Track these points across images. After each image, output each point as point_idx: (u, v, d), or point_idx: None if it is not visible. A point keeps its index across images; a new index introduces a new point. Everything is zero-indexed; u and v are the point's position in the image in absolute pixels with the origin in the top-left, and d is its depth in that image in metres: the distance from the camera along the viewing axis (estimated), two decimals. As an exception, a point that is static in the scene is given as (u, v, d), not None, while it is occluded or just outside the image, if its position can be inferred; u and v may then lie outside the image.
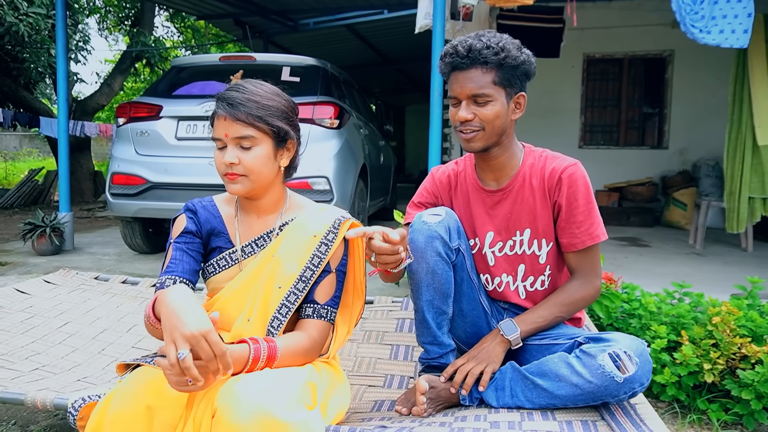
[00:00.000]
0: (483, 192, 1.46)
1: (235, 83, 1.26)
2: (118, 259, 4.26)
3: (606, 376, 1.14)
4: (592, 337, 1.24)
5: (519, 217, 1.42)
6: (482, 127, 1.35)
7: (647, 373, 1.15)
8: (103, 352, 1.67)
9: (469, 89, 1.33)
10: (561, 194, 1.37)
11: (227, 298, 1.27)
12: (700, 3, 3.17)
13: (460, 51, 1.33)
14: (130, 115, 3.89)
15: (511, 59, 1.31)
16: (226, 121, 1.20)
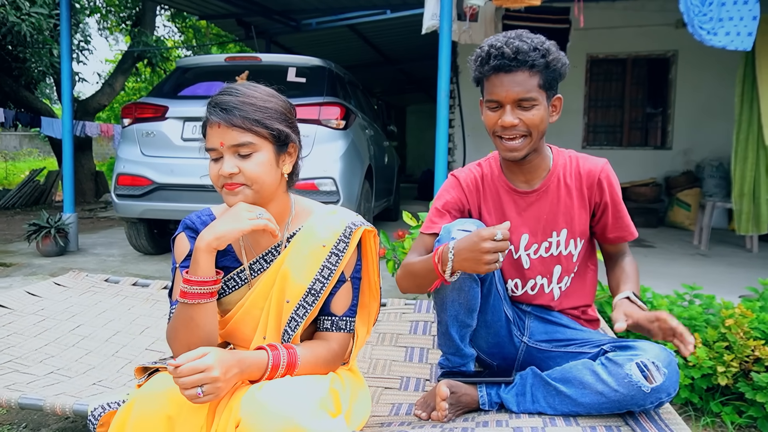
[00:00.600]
0: (515, 194, 1.43)
1: (228, 86, 1.17)
2: (123, 260, 4.25)
3: (633, 386, 1.12)
4: (619, 345, 1.23)
5: (555, 217, 1.40)
6: (528, 133, 1.31)
7: (675, 383, 1.14)
8: (117, 355, 1.66)
9: (516, 93, 1.28)
10: (603, 194, 1.38)
11: (239, 318, 1.22)
12: (709, 5, 3.16)
13: (507, 53, 1.26)
14: (135, 116, 3.88)
15: (556, 62, 1.29)
16: (220, 129, 1.09)
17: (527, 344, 1.42)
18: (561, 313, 1.43)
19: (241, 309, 1.23)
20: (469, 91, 7.03)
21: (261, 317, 1.22)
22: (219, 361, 0.97)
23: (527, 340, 1.42)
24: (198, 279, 1.09)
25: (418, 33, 8.52)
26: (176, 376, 0.94)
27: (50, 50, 7.88)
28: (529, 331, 1.43)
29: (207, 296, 1.11)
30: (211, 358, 0.97)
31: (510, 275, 1.45)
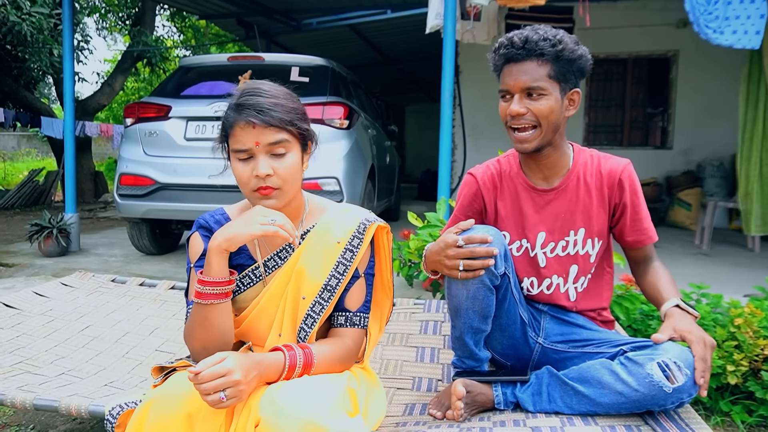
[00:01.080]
0: (533, 191, 1.42)
1: (251, 87, 1.17)
2: (125, 261, 4.24)
3: (654, 386, 1.11)
4: (639, 345, 1.22)
5: (573, 216, 1.39)
6: (537, 123, 1.30)
7: (696, 384, 1.13)
8: (128, 356, 1.65)
9: (523, 82, 1.29)
10: (624, 194, 1.37)
11: (254, 316, 1.22)
12: (714, 3, 3.17)
13: (515, 42, 1.28)
14: (138, 116, 3.87)
15: (568, 52, 1.27)
16: (255, 129, 1.10)
17: (542, 345, 1.41)
18: (577, 314, 1.42)
19: (256, 307, 1.23)
20: (470, 91, 7.03)
21: (276, 315, 1.22)
22: (239, 365, 0.97)
23: (542, 341, 1.42)
24: (211, 280, 1.09)
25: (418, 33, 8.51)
26: (197, 383, 0.93)
27: (50, 50, 7.85)
28: (545, 332, 1.42)
29: (221, 296, 1.11)
30: (230, 362, 0.96)
31: (526, 273, 1.44)
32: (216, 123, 3.71)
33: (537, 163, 1.40)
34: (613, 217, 1.41)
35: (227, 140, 1.16)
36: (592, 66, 1.34)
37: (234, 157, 1.14)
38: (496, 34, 4.54)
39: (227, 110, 1.16)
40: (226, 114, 1.16)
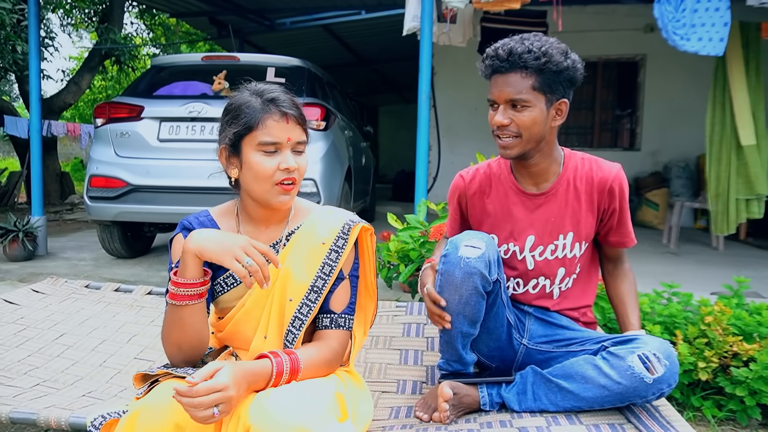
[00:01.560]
0: (523, 195, 1.44)
1: (268, 84, 1.19)
2: (95, 265, 4.13)
3: (635, 378, 1.15)
4: (620, 340, 1.26)
5: (562, 220, 1.41)
6: (519, 134, 1.33)
7: (675, 375, 1.17)
8: (105, 365, 1.61)
9: (507, 94, 1.31)
10: (614, 201, 1.40)
11: (239, 318, 1.22)
12: (682, 11, 3.27)
13: (500, 54, 1.30)
14: (109, 116, 3.77)
15: (553, 65, 1.28)
16: (288, 124, 1.14)
17: (527, 346, 1.44)
18: (560, 314, 1.45)
19: (241, 309, 1.22)
20: (444, 93, 7.08)
21: (262, 317, 1.21)
22: (233, 378, 0.96)
23: (527, 342, 1.44)
24: (185, 281, 1.08)
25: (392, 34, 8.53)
26: (192, 396, 0.91)
27: (13, 46, 7.58)
28: (529, 333, 1.45)
29: (195, 297, 1.10)
30: (225, 376, 0.95)
31: (512, 274, 1.46)
32: (191, 124, 3.66)
33: (527, 169, 1.42)
34: (601, 222, 1.44)
35: (243, 135, 1.14)
36: (583, 75, 1.36)
37: (258, 150, 1.14)
38: (472, 36, 4.58)
39: (246, 104, 1.15)
40: (245, 107, 1.14)
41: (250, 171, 1.15)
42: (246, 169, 1.16)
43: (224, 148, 1.18)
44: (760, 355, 1.93)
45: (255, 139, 1.14)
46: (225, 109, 1.20)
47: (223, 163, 1.20)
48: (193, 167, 3.61)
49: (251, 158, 1.15)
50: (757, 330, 2.14)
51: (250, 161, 1.15)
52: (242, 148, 1.16)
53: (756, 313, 2.29)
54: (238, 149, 1.16)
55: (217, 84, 3.86)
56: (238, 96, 1.19)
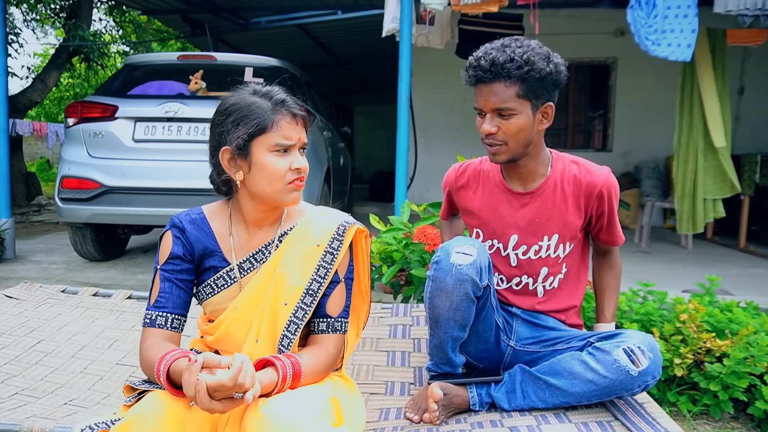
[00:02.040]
0: (510, 193, 1.46)
1: (270, 88, 1.19)
2: (67, 268, 4.02)
3: (621, 371, 1.19)
4: (604, 336, 1.29)
5: (547, 221, 1.43)
6: (505, 142, 1.35)
7: (659, 367, 1.21)
8: (86, 371, 1.57)
9: (492, 103, 1.32)
10: (602, 205, 1.42)
11: (231, 321, 1.20)
12: (654, 17, 3.36)
13: (483, 64, 1.31)
14: (81, 115, 3.67)
15: (536, 72, 1.29)
16: (298, 126, 1.17)
17: (514, 348, 1.46)
18: (546, 315, 1.48)
19: (234, 312, 1.21)
20: (421, 94, 7.11)
21: (254, 320, 1.20)
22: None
23: (514, 343, 1.46)
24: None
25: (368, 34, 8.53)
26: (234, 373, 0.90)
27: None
28: (516, 335, 1.47)
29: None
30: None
31: (496, 270, 1.49)
32: (167, 124, 3.59)
33: (515, 170, 1.45)
34: (589, 225, 1.47)
35: (254, 136, 1.14)
36: (567, 76, 1.38)
37: (272, 151, 1.15)
38: (450, 38, 4.62)
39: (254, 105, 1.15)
40: (254, 108, 1.14)
41: (263, 172, 1.15)
42: (257, 170, 1.15)
43: (228, 150, 1.16)
44: (733, 351, 2.00)
45: (269, 141, 1.14)
46: (224, 111, 1.17)
47: (224, 165, 1.18)
48: (170, 168, 3.55)
49: (264, 159, 1.15)
50: (728, 327, 2.22)
51: (263, 162, 1.14)
52: (252, 149, 1.15)
53: (727, 310, 2.37)
54: (247, 151, 1.15)
55: (193, 84, 3.81)
56: (236, 97, 1.18)
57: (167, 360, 1.02)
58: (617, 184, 1.44)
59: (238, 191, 1.22)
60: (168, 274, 1.18)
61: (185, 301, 1.20)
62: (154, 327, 1.15)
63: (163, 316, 1.16)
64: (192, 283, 1.23)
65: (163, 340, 1.14)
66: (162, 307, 1.16)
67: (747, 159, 4.88)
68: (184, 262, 1.20)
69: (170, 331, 1.16)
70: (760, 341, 2.00)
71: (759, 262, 4.50)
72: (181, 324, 1.19)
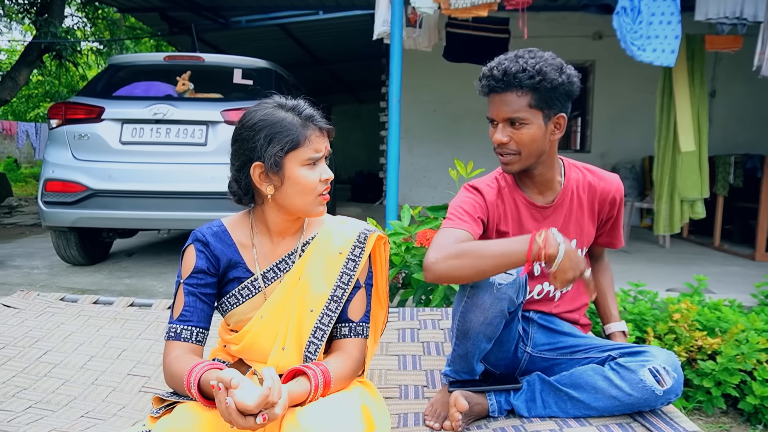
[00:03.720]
0: (533, 207, 1.47)
1: (295, 101, 1.21)
2: (50, 273, 3.92)
3: (647, 390, 1.22)
4: (627, 352, 1.32)
5: (567, 229, 1.47)
6: (518, 152, 1.36)
7: (681, 384, 1.25)
8: (98, 382, 1.54)
9: (504, 113, 1.34)
10: (614, 210, 1.49)
11: (257, 330, 1.22)
12: (639, 23, 3.45)
13: (495, 74, 1.33)
14: (65, 117, 3.59)
15: (548, 82, 1.30)
16: (323, 137, 1.20)
17: (531, 354, 1.49)
18: (560, 319, 1.51)
19: (259, 321, 1.22)
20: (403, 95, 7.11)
21: (280, 328, 1.21)
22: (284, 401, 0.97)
23: (530, 350, 1.49)
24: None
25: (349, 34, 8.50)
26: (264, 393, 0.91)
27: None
28: (533, 341, 1.50)
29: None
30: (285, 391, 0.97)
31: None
32: (155, 126, 3.53)
33: (531, 180, 1.46)
34: (599, 228, 1.53)
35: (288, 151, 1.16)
36: (579, 87, 1.41)
37: (304, 165, 1.17)
38: (437, 41, 4.66)
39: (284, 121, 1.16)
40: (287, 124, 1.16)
41: (296, 186, 1.17)
42: (290, 184, 1.17)
43: (260, 165, 1.17)
44: (725, 349, 2.08)
45: (301, 156, 1.16)
46: (252, 126, 1.17)
47: (255, 180, 1.18)
48: (159, 171, 3.49)
49: (297, 173, 1.16)
50: (717, 325, 2.30)
51: (296, 176, 1.16)
52: (284, 164, 1.16)
53: (715, 309, 2.46)
54: (280, 166, 1.16)
55: (181, 85, 3.76)
56: (263, 112, 1.18)
57: (197, 372, 1.03)
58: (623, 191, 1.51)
59: (264, 203, 1.22)
60: (192, 288, 1.19)
61: (208, 315, 1.21)
62: (179, 340, 1.15)
63: (188, 330, 1.16)
64: (214, 297, 1.24)
65: (187, 353, 1.15)
66: (187, 320, 1.17)
67: (721, 160, 5.05)
68: (208, 275, 1.21)
69: (194, 345, 1.17)
70: (751, 339, 2.08)
71: (733, 261, 4.66)
72: (204, 337, 1.19)
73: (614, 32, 3.84)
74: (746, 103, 6.86)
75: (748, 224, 5.32)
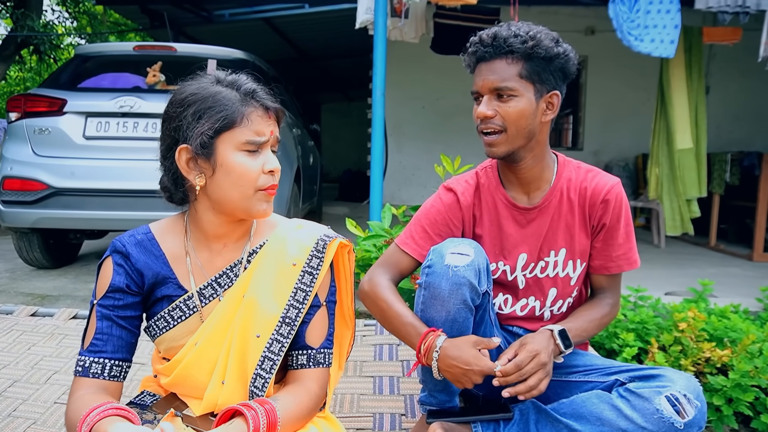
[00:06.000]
0: (515, 209, 1.28)
1: (236, 76, 1.00)
2: (11, 277, 3.67)
3: (664, 422, 1.02)
4: (638, 376, 1.12)
5: (554, 235, 1.26)
6: (504, 128, 1.17)
7: (704, 416, 1.05)
8: (16, 414, 1.30)
9: (491, 82, 1.16)
10: (606, 214, 1.24)
11: (191, 360, 1.00)
12: (636, 12, 3.26)
13: (484, 39, 1.17)
14: (25, 110, 3.33)
15: (542, 49, 1.14)
16: (270, 119, 1.00)
17: None
18: None
19: (194, 349, 0.99)
20: (392, 91, 6.92)
21: (219, 357, 0.99)
22: None
23: None
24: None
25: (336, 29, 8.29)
26: None
27: None
28: None
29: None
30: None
31: (500, 290, 1.31)
32: (121, 120, 3.30)
33: (517, 176, 1.26)
34: (593, 240, 1.29)
35: (220, 131, 0.94)
36: (577, 67, 1.22)
37: (241, 149, 0.95)
38: (424, 32, 4.46)
39: (218, 95, 0.95)
40: (220, 99, 0.95)
41: (230, 175, 0.95)
42: (222, 173, 0.95)
43: (187, 148, 0.95)
44: (737, 363, 1.89)
45: (238, 137, 0.95)
46: (181, 102, 0.96)
47: (182, 166, 0.96)
48: (126, 168, 3.25)
49: (232, 159, 0.95)
50: (726, 334, 2.12)
51: (231, 163, 0.95)
52: (216, 147, 0.94)
53: (722, 316, 2.27)
54: (210, 149, 0.94)
55: (151, 76, 3.52)
56: (196, 86, 0.97)
57: (89, 421, 0.81)
58: (626, 198, 1.26)
59: (196, 200, 1.00)
60: (107, 311, 0.97)
61: (129, 342, 0.99)
62: (87, 376, 0.93)
63: (99, 363, 0.94)
64: (138, 320, 1.01)
65: (96, 392, 0.92)
66: (99, 351, 0.95)
67: (717, 158, 4.90)
68: (127, 295, 0.98)
69: (108, 381, 0.95)
70: (765, 352, 1.89)
71: (731, 261, 4.51)
72: (122, 371, 0.97)
73: (607, 27, 3.66)
74: (741, 100, 6.74)
75: (744, 223, 5.19)
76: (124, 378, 0.98)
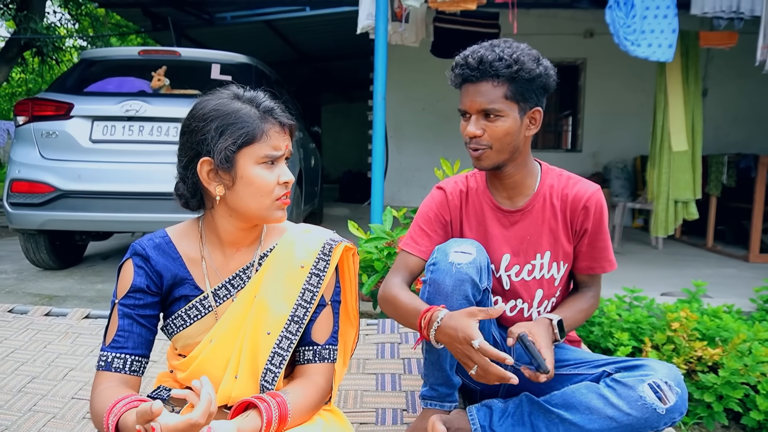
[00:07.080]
0: (499, 211, 1.36)
1: (253, 93, 1.06)
2: (18, 278, 3.73)
3: (647, 408, 1.09)
4: (623, 366, 1.19)
5: (539, 238, 1.34)
6: (490, 145, 1.26)
7: (685, 401, 1.12)
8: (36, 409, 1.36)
9: (479, 103, 1.23)
10: (588, 220, 1.32)
11: (206, 356, 1.06)
12: (632, 17, 3.32)
13: (470, 62, 1.23)
14: (32, 114, 3.40)
15: (525, 72, 1.21)
16: (285, 134, 1.06)
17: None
18: None
19: (209, 345, 1.06)
20: (393, 93, 6.98)
21: (232, 354, 1.06)
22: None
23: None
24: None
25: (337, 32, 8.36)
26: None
27: None
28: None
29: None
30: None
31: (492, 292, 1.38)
32: (127, 123, 3.36)
33: (501, 182, 1.35)
34: (576, 245, 1.37)
35: (242, 146, 1.01)
36: (556, 82, 1.30)
37: (260, 163, 1.02)
38: (424, 36, 4.52)
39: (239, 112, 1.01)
40: (241, 115, 1.01)
41: (249, 187, 1.02)
42: (242, 184, 1.02)
43: (209, 161, 1.01)
44: (728, 361, 1.95)
45: (257, 152, 1.01)
46: (203, 116, 1.02)
47: (203, 178, 1.02)
48: (131, 171, 3.32)
49: (252, 172, 1.01)
50: (717, 334, 2.18)
51: (251, 176, 1.01)
52: (237, 161, 1.01)
53: (714, 316, 2.34)
54: (232, 163, 1.01)
55: (156, 80, 3.58)
56: (216, 101, 1.03)
57: (116, 412, 0.88)
58: (605, 204, 1.34)
59: (213, 207, 1.07)
60: (128, 310, 1.03)
61: (148, 339, 1.05)
62: (110, 371, 1.00)
63: (121, 358, 1.00)
64: (157, 318, 1.08)
65: (118, 385, 0.99)
66: (120, 347, 1.01)
67: (714, 160, 4.95)
68: (148, 295, 1.05)
69: (129, 375, 1.01)
70: (755, 350, 1.95)
71: (727, 262, 4.57)
72: (141, 366, 1.03)
73: (606, 30, 3.72)
74: (738, 102, 6.79)
75: (740, 225, 5.24)
76: (142, 373, 1.04)
